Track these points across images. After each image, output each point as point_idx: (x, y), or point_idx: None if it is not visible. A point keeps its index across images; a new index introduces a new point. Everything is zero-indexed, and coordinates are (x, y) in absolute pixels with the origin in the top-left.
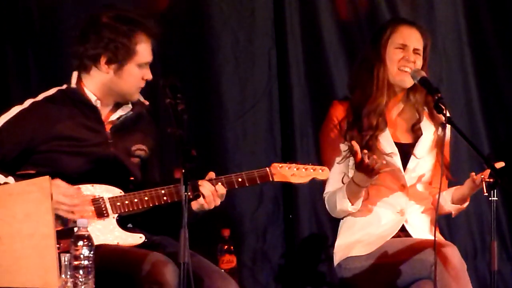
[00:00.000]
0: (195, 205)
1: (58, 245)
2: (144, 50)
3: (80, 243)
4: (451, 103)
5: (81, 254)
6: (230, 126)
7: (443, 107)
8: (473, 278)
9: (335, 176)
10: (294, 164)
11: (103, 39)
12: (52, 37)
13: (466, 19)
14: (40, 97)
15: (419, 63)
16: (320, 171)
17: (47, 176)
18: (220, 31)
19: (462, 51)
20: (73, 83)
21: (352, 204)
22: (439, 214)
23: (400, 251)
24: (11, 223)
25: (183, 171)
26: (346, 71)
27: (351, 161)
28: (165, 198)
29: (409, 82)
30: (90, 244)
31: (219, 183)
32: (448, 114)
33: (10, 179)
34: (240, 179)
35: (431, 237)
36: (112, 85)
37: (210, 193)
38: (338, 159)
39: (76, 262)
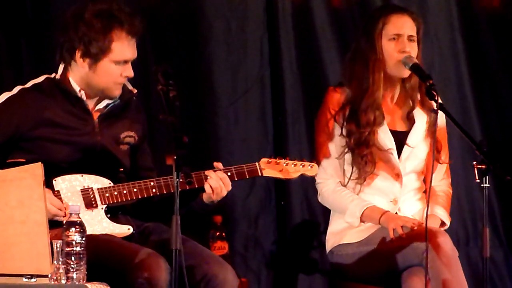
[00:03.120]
0: (205, 197)
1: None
2: (121, 48)
3: (72, 229)
4: (443, 90)
5: (73, 240)
6: (222, 112)
7: (435, 94)
8: (465, 264)
9: (332, 166)
10: (283, 160)
11: (78, 33)
12: (44, 25)
13: (458, 5)
14: (29, 84)
15: (414, 51)
16: (309, 167)
17: (39, 163)
18: (212, 18)
19: (454, 38)
20: (59, 74)
21: (361, 224)
22: None
23: (392, 238)
24: (4, 210)
25: (175, 157)
26: (338, 58)
27: (347, 156)
28: (154, 190)
29: (406, 72)
30: (82, 230)
31: (228, 173)
32: (439, 101)
33: None
34: (229, 173)
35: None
36: (89, 79)
37: (218, 184)
38: (332, 147)
39: (68, 249)
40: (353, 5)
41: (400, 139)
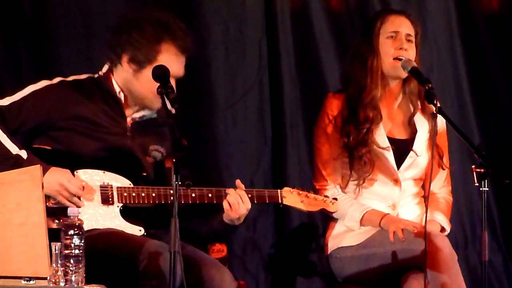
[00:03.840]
0: (224, 216)
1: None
2: (168, 61)
3: (71, 232)
4: (441, 94)
5: (72, 243)
6: (221, 115)
7: (434, 97)
8: (464, 268)
9: (331, 171)
10: (305, 192)
11: (130, 37)
12: (43, 26)
13: (457, 9)
14: (70, 78)
15: (412, 52)
16: (331, 204)
17: (38, 165)
18: (211, 20)
19: (453, 42)
20: (102, 72)
21: (360, 227)
22: None
23: (390, 241)
24: (2, 212)
25: (174, 160)
26: (336, 61)
27: (346, 160)
28: (172, 198)
29: (404, 72)
30: (81, 233)
31: (249, 194)
32: (438, 104)
33: (23, 153)
34: (249, 195)
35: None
36: (131, 85)
37: (236, 200)
38: (331, 151)
39: (66, 251)
40: (352, 9)
41: (401, 147)
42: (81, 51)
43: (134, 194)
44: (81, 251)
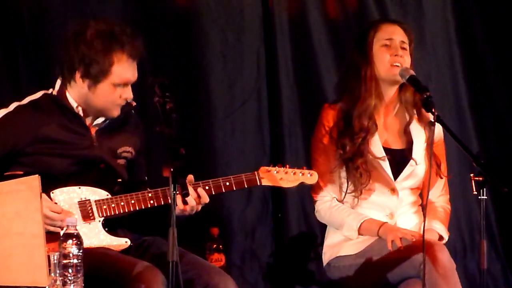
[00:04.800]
0: (176, 210)
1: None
2: (121, 70)
3: (69, 241)
4: (440, 101)
5: (70, 252)
6: (219, 124)
7: (432, 106)
8: (462, 277)
9: (328, 182)
10: (282, 168)
11: (78, 53)
12: (41, 36)
13: (455, 16)
14: (26, 100)
15: (408, 59)
16: (309, 175)
17: (37, 175)
18: (209, 29)
19: (451, 49)
20: (56, 90)
21: (359, 236)
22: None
23: (388, 250)
24: (1, 221)
25: (172, 169)
26: (334, 70)
27: (343, 170)
28: (151, 202)
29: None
30: (79, 242)
31: (205, 187)
32: (436, 113)
33: None
34: (227, 183)
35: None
36: (88, 99)
37: (192, 198)
38: (327, 163)
39: (65, 261)
40: (350, 17)
41: (397, 156)
42: None
43: (113, 205)
44: (79, 260)
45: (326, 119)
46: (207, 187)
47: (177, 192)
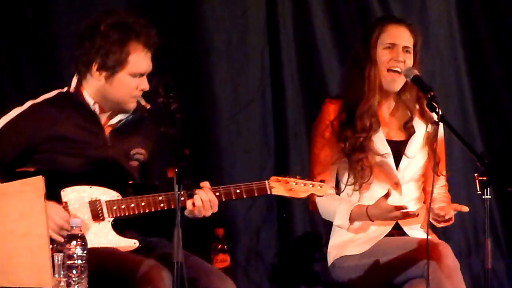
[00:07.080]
0: (186, 211)
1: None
2: (137, 60)
3: (74, 242)
4: (444, 101)
5: (75, 253)
6: (223, 125)
7: (436, 105)
8: (467, 276)
9: (326, 175)
10: (293, 179)
11: (95, 46)
12: (45, 37)
13: (459, 17)
14: (40, 99)
15: (410, 61)
16: (319, 187)
17: (40, 176)
18: (213, 30)
19: (455, 49)
20: (72, 87)
21: (351, 225)
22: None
23: (393, 250)
24: (5, 223)
25: (176, 170)
26: (339, 70)
27: (344, 164)
28: (162, 205)
29: (398, 84)
30: (83, 243)
31: (215, 194)
32: (440, 112)
33: None
34: (238, 190)
35: (424, 234)
36: (105, 92)
37: (202, 203)
38: (327, 156)
39: (69, 262)
40: (354, 18)
41: (398, 148)
42: None
43: (123, 206)
44: (83, 261)
45: (328, 112)
46: (217, 194)
47: (182, 193)
